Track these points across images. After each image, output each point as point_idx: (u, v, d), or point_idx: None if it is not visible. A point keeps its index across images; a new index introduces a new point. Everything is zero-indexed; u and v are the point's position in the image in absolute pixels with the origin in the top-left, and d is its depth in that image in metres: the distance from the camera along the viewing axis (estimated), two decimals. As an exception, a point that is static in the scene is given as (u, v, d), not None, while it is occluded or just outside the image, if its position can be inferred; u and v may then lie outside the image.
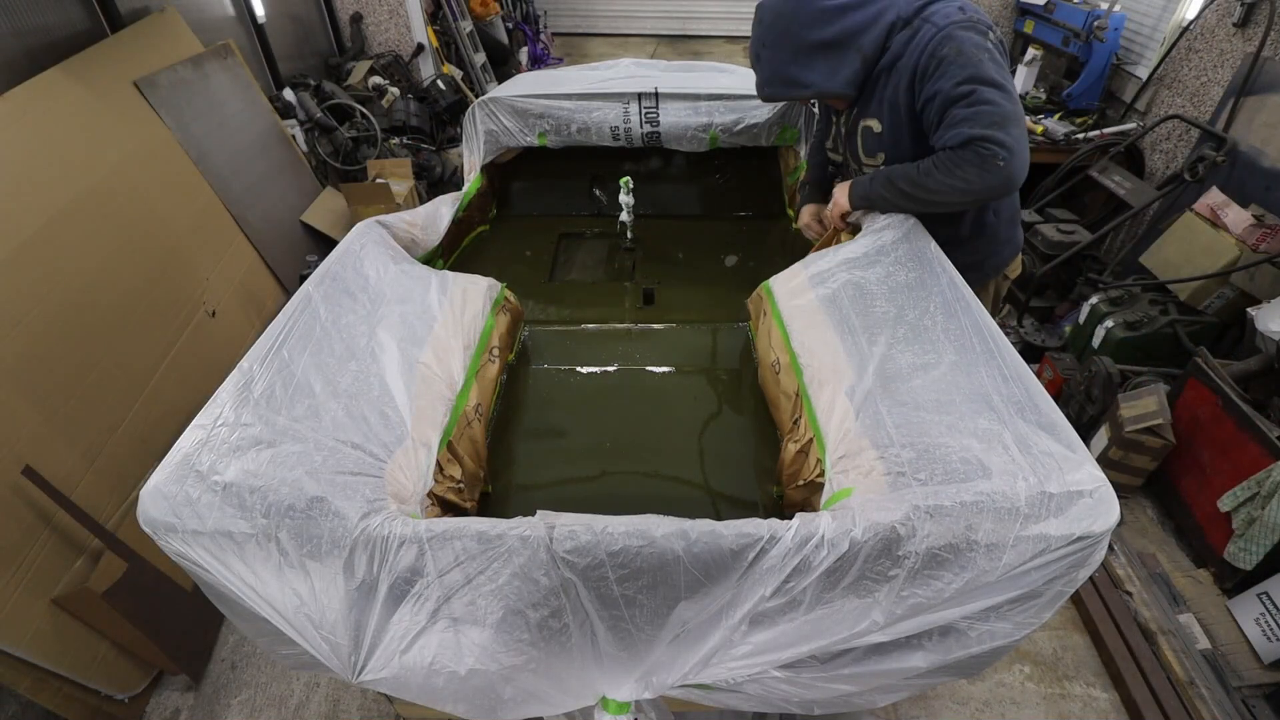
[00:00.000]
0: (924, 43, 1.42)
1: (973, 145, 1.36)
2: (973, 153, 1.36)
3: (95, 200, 2.22)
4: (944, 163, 1.41)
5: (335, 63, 4.71)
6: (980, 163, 1.36)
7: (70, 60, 2.39)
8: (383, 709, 1.91)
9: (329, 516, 0.94)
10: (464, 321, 1.52)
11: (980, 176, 1.38)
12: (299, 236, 3.32)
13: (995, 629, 0.98)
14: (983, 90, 1.35)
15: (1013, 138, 1.35)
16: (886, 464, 1.03)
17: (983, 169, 1.37)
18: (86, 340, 1.99)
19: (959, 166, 1.39)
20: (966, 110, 1.37)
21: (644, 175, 2.70)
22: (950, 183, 1.41)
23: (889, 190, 1.54)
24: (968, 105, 1.37)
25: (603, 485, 1.50)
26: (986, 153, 1.35)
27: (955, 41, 1.38)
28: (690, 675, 1.00)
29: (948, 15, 1.43)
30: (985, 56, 1.37)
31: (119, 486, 1.94)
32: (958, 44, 1.38)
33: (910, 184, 1.48)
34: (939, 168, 1.42)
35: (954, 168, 1.40)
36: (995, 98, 1.35)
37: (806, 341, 1.44)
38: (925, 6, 1.47)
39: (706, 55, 8.30)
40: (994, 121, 1.34)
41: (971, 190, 1.41)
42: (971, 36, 1.38)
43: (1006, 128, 1.35)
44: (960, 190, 1.41)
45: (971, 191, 1.41)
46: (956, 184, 1.40)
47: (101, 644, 1.77)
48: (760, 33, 1.56)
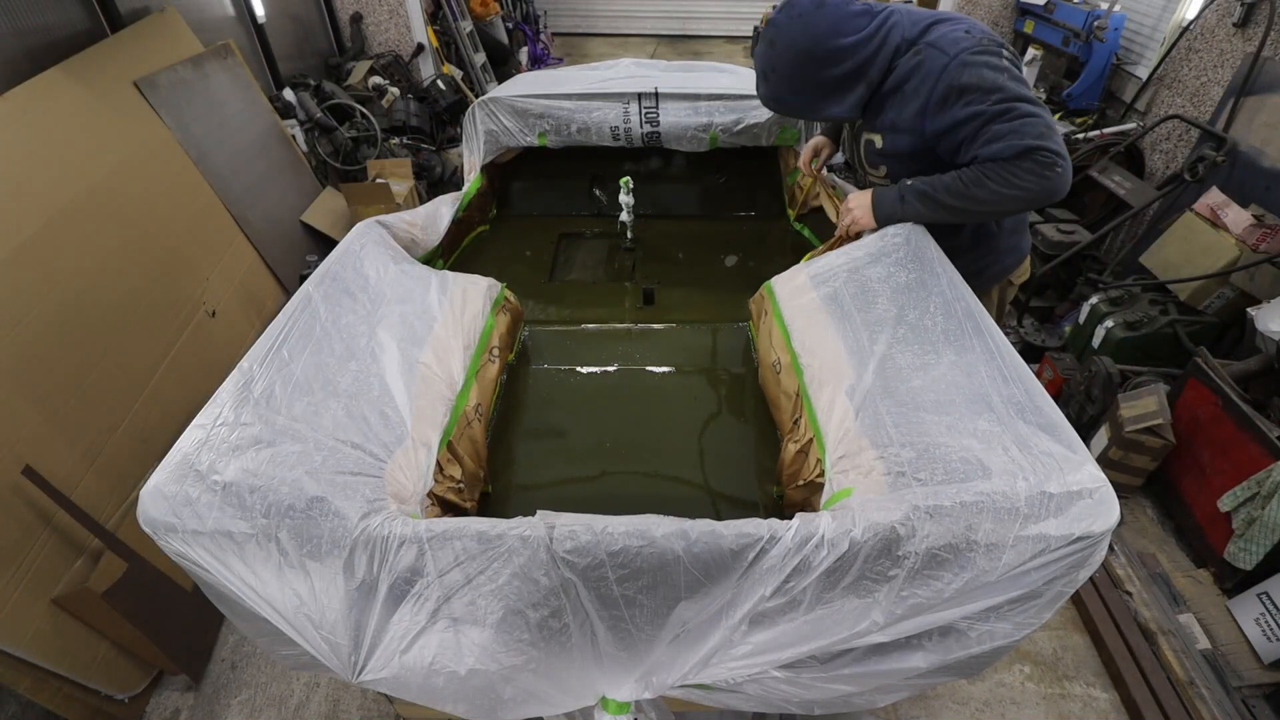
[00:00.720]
0: (936, 71, 1.42)
1: (1031, 155, 1.38)
2: (1032, 161, 1.37)
3: (95, 200, 2.22)
4: (998, 173, 1.41)
5: (335, 63, 4.71)
6: (1040, 170, 1.38)
7: (70, 60, 2.39)
8: (383, 709, 1.91)
9: (329, 516, 0.94)
10: (464, 321, 1.52)
11: (1039, 184, 1.39)
12: (299, 236, 3.32)
13: (995, 629, 0.98)
14: (1019, 105, 1.37)
15: (1061, 147, 1.38)
16: (886, 464, 1.03)
17: (1041, 176, 1.38)
18: (86, 340, 1.99)
19: (1016, 176, 1.39)
20: (1009, 124, 1.38)
21: (644, 175, 2.70)
22: (1007, 192, 1.41)
23: (926, 205, 1.52)
24: (1008, 120, 1.38)
25: (603, 485, 1.50)
26: (1046, 160, 1.37)
27: (973, 70, 1.39)
28: (690, 675, 1.00)
29: (955, 41, 1.42)
30: (1006, 77, 1.39)
31: (119, 486, 1.94)
32: (976, 72, 1.38)
33: (956, 196, 1.47)
34: (992, 178, 1.42)
35: (1011, 177, 1.40)
36: (1033, 111, 1.37)
37: (807, 341, 1.44)
38: (929, 28, 1.47)
39: (706, 55, 8.30)
40: (1041, 133, 1.36)
41: (1029, 198, 1.41)
42: (987, 60, 1.39)
43: (1054, 137, 1.37)
44: (1017, 199, 1.42)
45: (1028, 199, 1.42)
46: (1014, 193, 1.41)
47: (101, 644, 1.77)
48: (771, 57, 1.55)
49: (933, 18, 1.50)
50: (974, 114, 1.40)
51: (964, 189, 1.45)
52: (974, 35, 1.43)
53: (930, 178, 1.52)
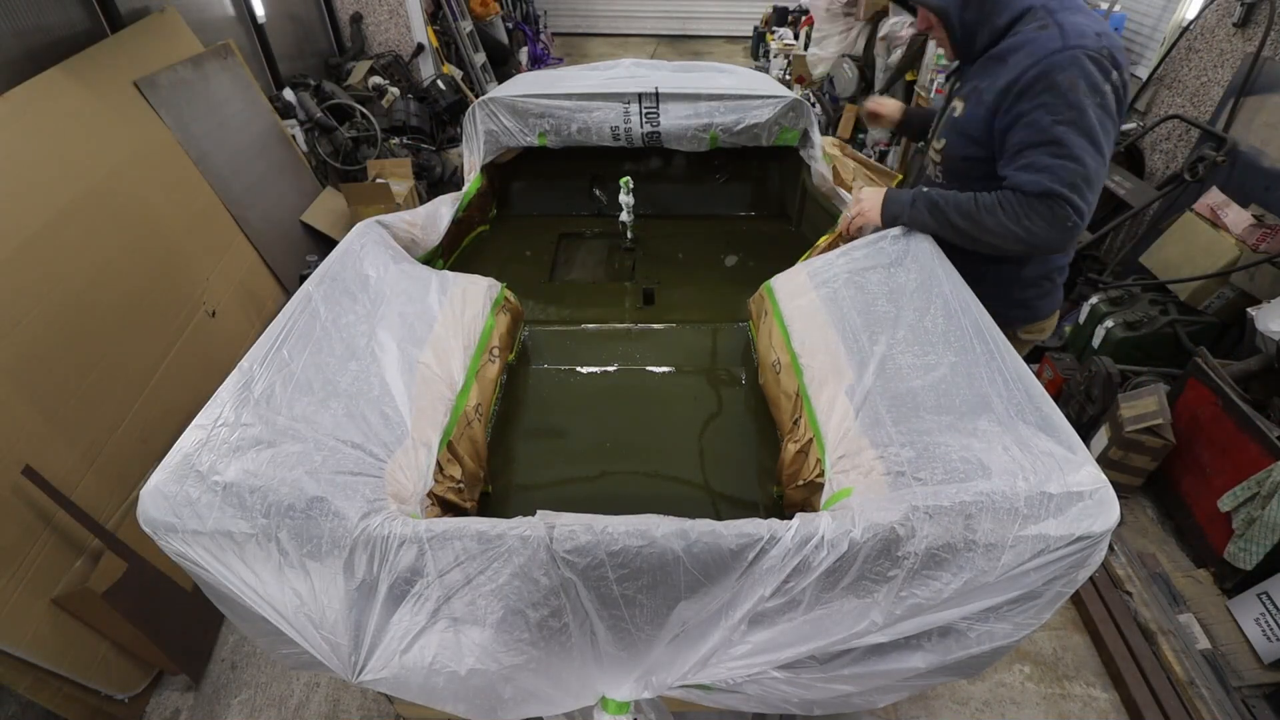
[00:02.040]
0: (1042, 53, 1.29)
1: (1049, 200, 1.30)
2: (1046, 207, 1.30)
3: (95, 200, 2.22)
4: (1011, 205, 1.34)
5: (335, 63, 4.71)
6: (1051, 219, 1.30)
7: (70, 60, 2.39)
8: (383, 709, 1.91)
9: (329, 516, 0.94)
10: (464, 321, 1.52)
11: (1045, 232, 1.32)
12: (299, 236, 3.32)
13: (995, 629, 0.98)
14: (1077, 142, 1.27)
15: (1088, 204, 1.29)
16: (886, 464, 1.03)
17: (1051, 226, 1.31)
18: (86, 340, 1.99)
19: (1027, 216, 1.32)
20: (1052, 160, 1.28)
21: (644, 175, 2.70)
22: (1011, 228, 1.34)
23: (934, 216, 1.45)
24: (1055, 155, 1.28)
25: (603, 485, 1.50)
26: (1062, 213, 1.29)
27: (1073, 72, 1.26)
28: (690, 675, 1.00)
29: (1081, 33, 1.28)
30: (1095, 102, 1.26)
31: (119, 486, 1.94)
32: (1074, 76, 1.26)
33: (963, 216, 1.40)
34: (1004, 209, 1.34)
35: (1021, 215, 1.32)
36: (1086, 155, 1.27)
37: (807, 342, 1.44)
38: (1064, 9, 1.33)
39: (706, 55, 8.31)
40: (1075, 183, 1.28)
41: (1031, 242, 1.35)
42: (1093, 72, 1.26)
43: (1085, 192, 1.28)
44: (1018, 239, 1.35)
45: (1030, 243, 1.35)
46: (1018, 231, 1.34)
47: (101, 644, 1.77)
48: None
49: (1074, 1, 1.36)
50: (1035, 122, 1.30)
51: (974, 211, 1.39)
52: (1102, 40, 1.28)
53: (947, 192, 1.46)
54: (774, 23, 7.45)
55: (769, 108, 2.29)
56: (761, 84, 2.47)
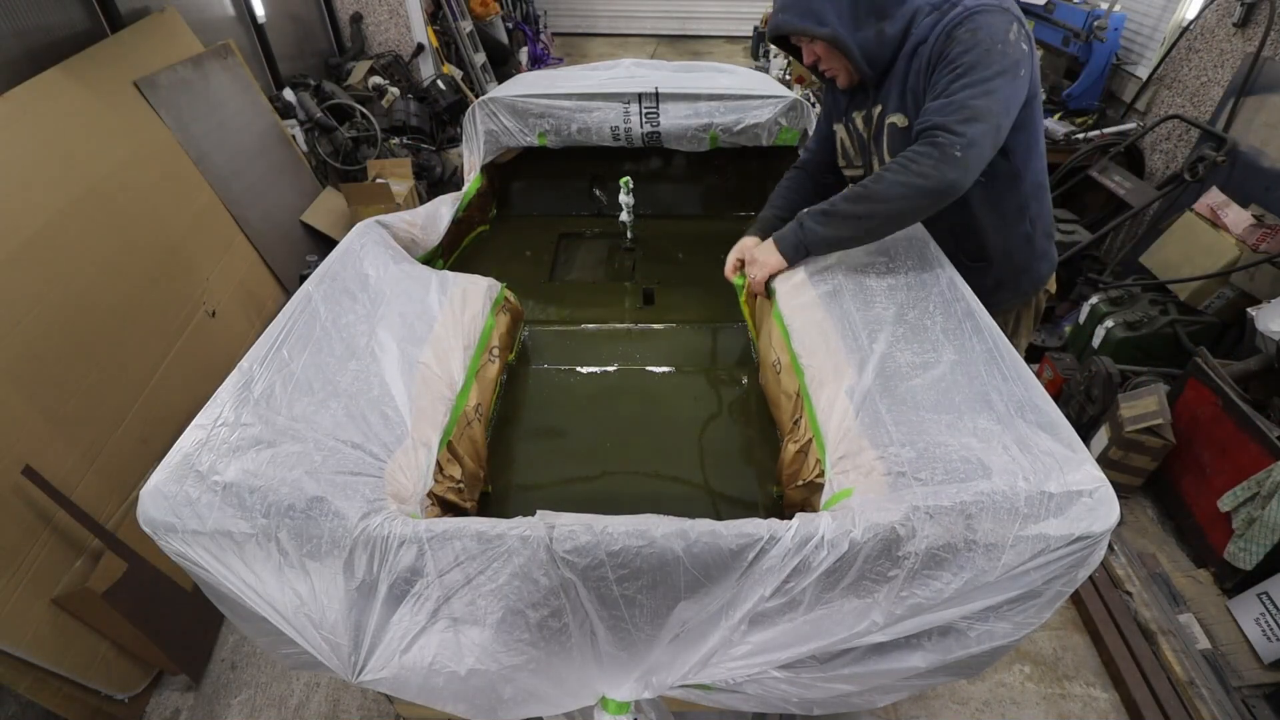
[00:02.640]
0: (949, 25, 1.27)
1: (929, 134, 1.25)
2: (929, 144, 1.24)
3: (95, 200, 2.22)
4: (899, 161, 1.27)
5: (335, 63, 4.71)
6: (939, 156, 1.23)
7: (70, 60, 2.39)
8: (383, 709, 1.91)
9: (329, 516, 0.94)
10: (464, 321, 1.52)
11: (937, 169, 1.23)
12: (299, 236, 3.32)
13: (995, 629, 0.98)
14: (973, 85, 1.23)
15: (973, 131, 1.22)
16: (886, 464, 1.03)
17: (940, 161, 1.23)
18: (86, 340, 1.99)
19: (914, 161, 1.25)
20: (941, 101, 1.25)
21: (644, 175, 2.70)
22: (904, 182, 1.26)
23: (827, 223, 1.36)
24: (947, 96, 1.25)
25: (603, 485, 1.50)
26: (944, 141, 1.23)
27: (973, 25, 1.24)
28: (690, 675, 1.00)
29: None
30: (999, 49, 1.23)
31: (119, 486, 1.94)
32: (974, 28, 1.24)
33: (855, 201, 1.31)
34: (891, 170, 1.28)
35: (910, 164, 1.26)
36: (976, 95, 1.22)
37: (807, 341, 1.43)
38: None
39: (706, 55, 8.30)
40: (963, 117, 1.22)
41: (928, 188, 1.25)
42: (995, 21, 1.23)
43: (971, 122, 1.22)
44: (917, 191, 1.26)
45: (929, 190, 1.26)
46: (913, 183, 1.26)
47: (101, 644, 1.77)
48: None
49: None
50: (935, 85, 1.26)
51: (863, 191, 1.30)
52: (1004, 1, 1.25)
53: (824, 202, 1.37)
54: (774, 23, 7.44)
55: (769, 108, 2.29)
56: (761, 84, 2.47)
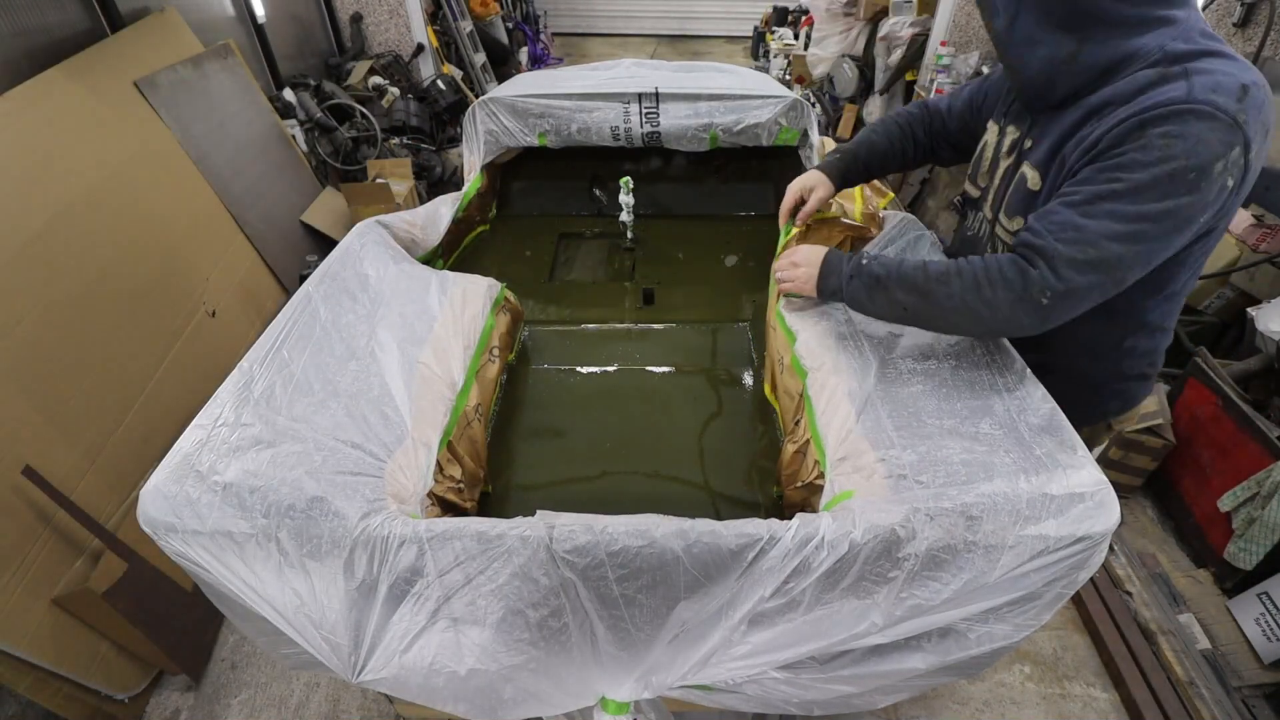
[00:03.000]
0: (1150, 111, 0.91)
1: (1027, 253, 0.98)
2: (1016, 270, 0.97)
3: (95, 200, 2.22)
4: (974, 273, 1.01)
5: (335, 63, 4.71)
6: (1020, 285, 0.97)
7: (70, 60, 2.39)
8: (383, 709, 1.91)
9: (329, 516, 0.94)
10: (464, 321, 1.52)
11: (1009, 305, 0.98)
12: (299, 236, 3.32)
13: (994, 630, 0.98)
14: (1120, 218, 0.90)
15: (1081, 281, 0.94)
16: (887, 466, 1.03)
17: (1018, 297, 0.97)
18: (86, 340, 1.99)
19: (990, 283, 0.99)
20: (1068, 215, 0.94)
21: (644, 175, 2.70)
22: (968, 301, 1.02)
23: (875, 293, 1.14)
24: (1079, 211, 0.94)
25: (603, 485, 1.50)
26: (1034, 277, 0.95)
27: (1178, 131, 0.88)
28: (689, 675, 1.00)
29: (1217, 87, 0.89)
30: (1190, 181, 0.89)
31: (119, 486, 1.94)
32: (1176, 135, 0.88)
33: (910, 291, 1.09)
34: (962, 276, 1.03)
35: (983, 282, 1.00)
36: (1117, 234, 0.91)
37: (810, 342, 1.43)
38: (1207, 55, 0.93)
39: (706, 55, 8.31)
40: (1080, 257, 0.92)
41: (991, 322, 1.02)
42: (1209, 140, 0.88)
43: (1086, 269, 0.93)
44: (975, 316, 1.03)
45: (990, 323, 1.03)
46: (976, 305, 1.01)
47: (101, 644, 1.77)
48: None
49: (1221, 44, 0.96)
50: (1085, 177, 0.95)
51: (923, 283, 1.07)
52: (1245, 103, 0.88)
53: (893, 260, 1.15)
54: (774, 23, 7.45)
55: (769, 108, 2.29)
56: (761, 84, 2.47)
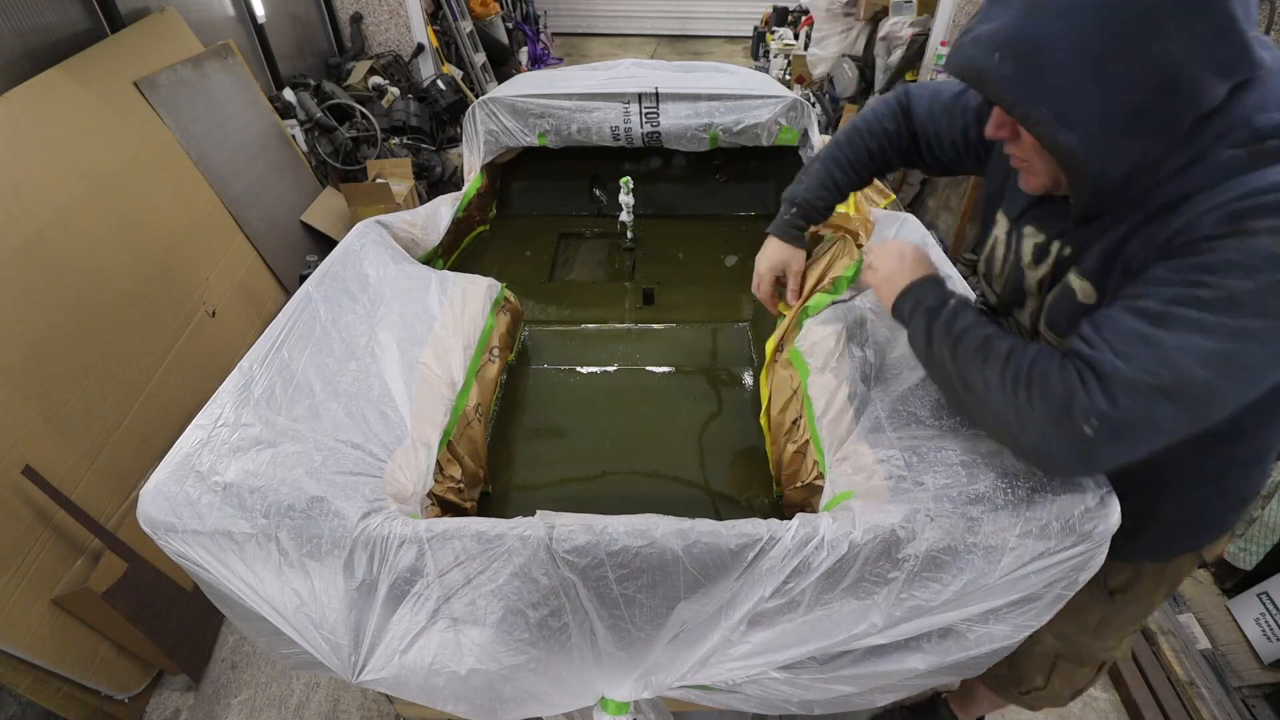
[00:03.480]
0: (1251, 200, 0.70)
1: (1078, 364, 0.78)
2: (1065, 382, 0.77)
3: (95, 200, 2.22)
4: (1019, 369, 0.82)
5: (335, 63, 4.71)
6: (1059, 411, 0.77)
7: (70, 60, 2.39)
8: (383, 709, 1.91)
9: (329, 516, 0.94)
10: (464, 321, 1.52)
11: (1043, 432, 0.79)
12: (299, 236, 3.32)
13: (994, 631, 0.98)
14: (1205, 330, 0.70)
15: (1140, 411, 0.73)
16: (887, 468, 1.03)
17: (1054, 423, 0.78)
18: (86, 340, 1.99)
19: (1029, 385, 0.80)
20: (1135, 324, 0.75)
21: (644, 175, 2.70)
22: (993, 401, 0.84)
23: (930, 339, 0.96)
24: (1148, 320, 0.74)
25: (603, 485, 1.50)
26: (1082, 402, 0.75)
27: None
28: (689, 675, 1.00)
29: None
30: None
31: (119, 486, 1.94)
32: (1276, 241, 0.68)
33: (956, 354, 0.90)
34: (1008, 365, 0.83)
35: (1022, 382, 0.81)
36: (1197, 353, 0.71)
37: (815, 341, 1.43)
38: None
39: (706, 55, 8.31)
40: (1142, 381, 0.73)
41: (1018, 434, 0.83)
42: None
43: (1150, 396, 0.73)
44: (1000, 417, 0.84)
45: (1014, 434, 0.84)
46: (1003, 408, 0.83)
47: (101, 644, 1.77)
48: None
49: None
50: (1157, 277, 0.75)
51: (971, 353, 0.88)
52: None
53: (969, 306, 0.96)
54: (774, 23, 7.45)
55: (769, 108, 2.29)
56: (761, 84, 2.47)
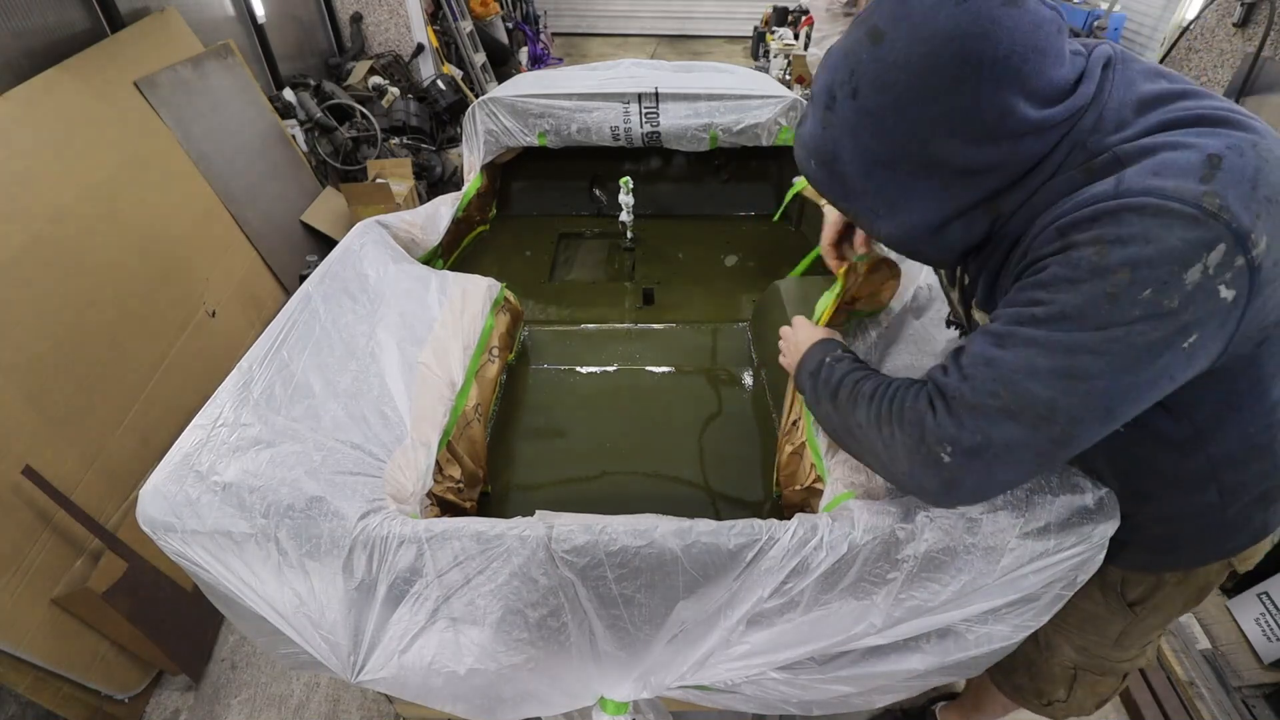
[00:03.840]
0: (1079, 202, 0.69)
1: (925, 400, 0.78)
2: (915, 413, 0.77)
3: (96, 200, 2.22)
4: (887, 402, 0.82)
5: (335, 63, 4.72)
6: (916, 435, 0.77)
7: (70, 60, 2.39)
8: (383, 709, 1.91)
9: (328, 516, 0.94)
10: (464, 321, 1.52)
11: (905, 455, 0.78)
12: (299, 236, 3.32)
13: (993, 631, 0.98)
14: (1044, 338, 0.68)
15: (993, 434, 0.72)
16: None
17: (912, 448, 0.77)
18: (86, 340, 1.99)
19: (891, 418, 0.81)
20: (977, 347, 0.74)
21: (644, 175, 2.70)
22: (870, 434, 0.84)
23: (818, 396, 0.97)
24: (991, 339, 0.73)
25: (602, 485, 1.50)
26: (934, 430, 0.75)
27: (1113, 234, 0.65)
28: (688, 675, 1.00)
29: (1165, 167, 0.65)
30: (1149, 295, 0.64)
31: (119, 486, 1.94)
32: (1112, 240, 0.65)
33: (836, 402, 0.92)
34: (876, 401, 0.84)
35: (886, 415, 0.81)
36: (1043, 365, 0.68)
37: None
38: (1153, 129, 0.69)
39: (706, 55, 8.31)
40: (985, 391, 0.72)
41: (888, 464, 0.83)
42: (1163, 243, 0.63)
43: (994, 415, 0.71)
44: (875, 454, 0.85)
45: (888, 469, 0.84)
46: (875, 441, 0.83)
47: (101, 644, 1.77)
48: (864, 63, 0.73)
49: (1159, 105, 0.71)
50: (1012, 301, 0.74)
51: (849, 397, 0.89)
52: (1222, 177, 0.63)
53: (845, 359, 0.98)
54: (774, 23, 7.46)
55: (769, 108, 2.29)
56: (761, 84, 2.47)
